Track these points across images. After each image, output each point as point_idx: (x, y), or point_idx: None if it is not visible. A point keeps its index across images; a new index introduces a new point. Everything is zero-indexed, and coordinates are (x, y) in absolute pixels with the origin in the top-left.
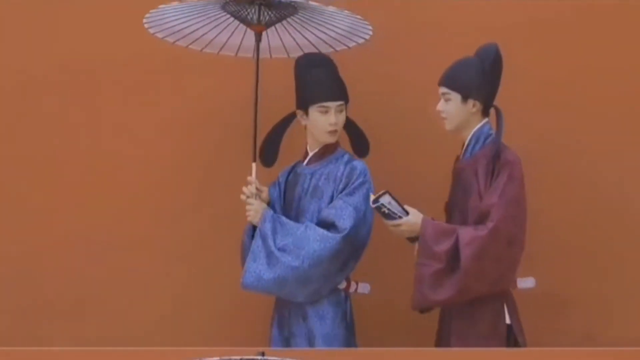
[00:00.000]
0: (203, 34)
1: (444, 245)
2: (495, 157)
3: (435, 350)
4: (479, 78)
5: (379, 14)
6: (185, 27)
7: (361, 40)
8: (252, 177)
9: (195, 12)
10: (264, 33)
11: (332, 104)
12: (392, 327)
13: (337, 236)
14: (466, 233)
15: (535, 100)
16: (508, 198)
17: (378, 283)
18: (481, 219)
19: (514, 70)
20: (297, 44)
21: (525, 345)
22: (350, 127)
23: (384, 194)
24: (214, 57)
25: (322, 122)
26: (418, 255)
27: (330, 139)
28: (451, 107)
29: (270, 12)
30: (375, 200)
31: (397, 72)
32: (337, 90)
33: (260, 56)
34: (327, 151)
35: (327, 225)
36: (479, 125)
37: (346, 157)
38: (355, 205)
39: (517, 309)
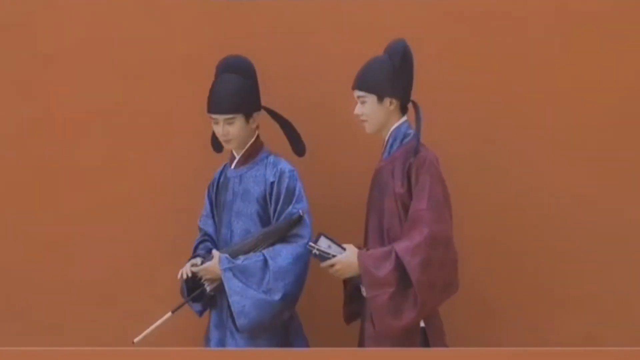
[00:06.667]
0: None
1: (387, 267)
2: (411, 157)
3: (434, 351)
4: (391, 75)
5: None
6: None
7: None
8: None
9: None
10: None
11: (219, 117)
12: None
13: (303, 243)
14: (403, 247)
15: (455, 99)
16: (436, 200)
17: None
18: (413, 226)
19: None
20: None
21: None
22: (287, 128)
23: (319, 237)
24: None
25: (216, 131)
26: (367, 290)
27: (228, 147)
28: (369, 109)
29: None
30: (313, 246)
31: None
32: (225, 103)
33: None
34: (251, 154)
35: (291, 237)
36: (396, 125)
37: (272, 159)
38: (306, 210)
39: (436, 312)
